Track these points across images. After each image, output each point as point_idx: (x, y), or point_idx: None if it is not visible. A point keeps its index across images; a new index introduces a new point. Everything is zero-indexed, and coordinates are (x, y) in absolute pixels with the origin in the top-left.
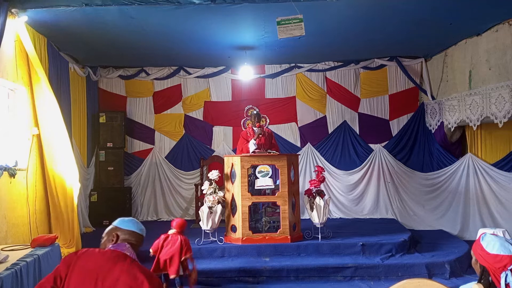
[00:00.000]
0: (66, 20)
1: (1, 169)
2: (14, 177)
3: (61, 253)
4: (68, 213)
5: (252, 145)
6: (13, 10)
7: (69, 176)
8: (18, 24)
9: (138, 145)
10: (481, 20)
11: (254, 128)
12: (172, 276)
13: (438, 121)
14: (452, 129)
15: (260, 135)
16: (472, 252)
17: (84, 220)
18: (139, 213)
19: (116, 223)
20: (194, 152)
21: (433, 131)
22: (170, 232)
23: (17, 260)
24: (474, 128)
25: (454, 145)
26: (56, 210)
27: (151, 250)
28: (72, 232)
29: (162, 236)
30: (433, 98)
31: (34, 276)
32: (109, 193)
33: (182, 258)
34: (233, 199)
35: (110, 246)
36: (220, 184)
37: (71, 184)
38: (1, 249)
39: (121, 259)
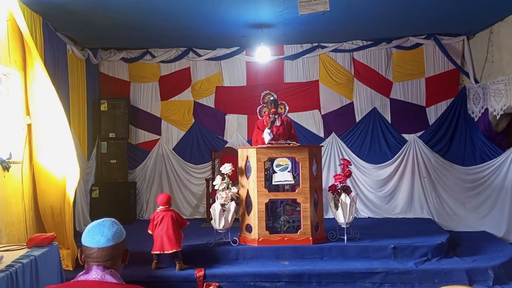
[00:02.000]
0: None
1: None
2: (8, 171)
3: (59, 254)
4: (61, 211)
5: (266, 135)
6: None
7: (68, 168)
8: (11, 2)
9: (143, 136)
10: None
11: (271, 115)
12: (169, 251)
13: (482, 107)
14: (497, 117)
15: (275, 123)
16: None
17: (85, 217)
18: (145, 210)
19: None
20: (204, 143)
21: (476, 119)
22: (158, 209)
23: (12, 262)
24: None
25: (500, 135)
26: (45, 207)
27: (149, 231)
28: (65, 232)
29: (152, 216)
30: (476, 81)
31: (31, 279)
32: (112, 188)
33: (183, 228)
34: (248, 195)
35: (80, 277)
36: (233, 179)
37: (70, 177)
38: None
39: None
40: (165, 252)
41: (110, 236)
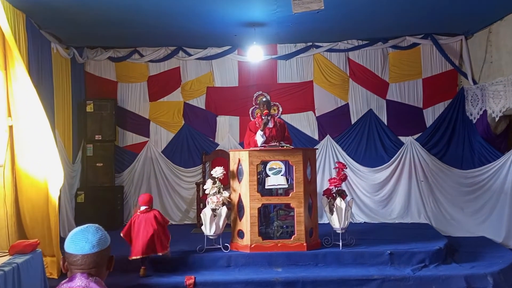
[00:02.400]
0: None
1: None
2: None
3: (43, 261)
4: (45, 217)
5: (259, 137)
6: None
7: (51, 172)
8: None
9: (131, 138)
10: None
11: (263, 117)
12: (161, 253)
13: (481, 109)
14: (496, 119)
15: (267, 125)
16: None
17: (70, 223)
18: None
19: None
20: (195, 146)
21: (474, 121)
22: (142, 209)
23: None
24: None
25: (499, 138)
26: (28, 212)
27: (121, 234)
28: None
29: (131, 219)
30: (474, 82)
31: None
32: (98, 192)
33: (166, 226)
34: (240, 200)
35: (64, 285)
36: (225, 183)
37: (53, 181)
38: None
39: None
40: (158, 254)
41: (95, 242)
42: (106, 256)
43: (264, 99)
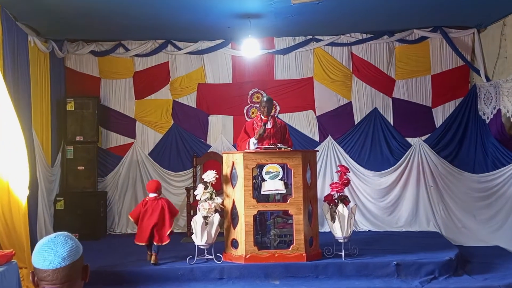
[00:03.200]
0: None
1: None
2: None
3: (19, 273)
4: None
5: (252, 146)
6: None
7: (16, 173)
8: None
9: (115, 139)
10: None
11: (261, 127)
12: (165, 242)
13: (494, 108)
14: (511, 119)
15: (261, 136)
16: None
17: (48, 232)
18: (117, 224)
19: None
20: (185, 148)
21: (487, 121)
22: (151, 196)
23: None
24: None
25: None
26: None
27: (130, 217)
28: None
29: (142, 202)
30: (487, 79)
31: None
32: (79, 199)
33: (175, 217)
34: (234, 207)
35: None
36: (217, 188)
37: (19, 184)
38: None
39: None
40: (163, 244)
41: (65, 254)
42: (79, 267)
43: (265, 99)
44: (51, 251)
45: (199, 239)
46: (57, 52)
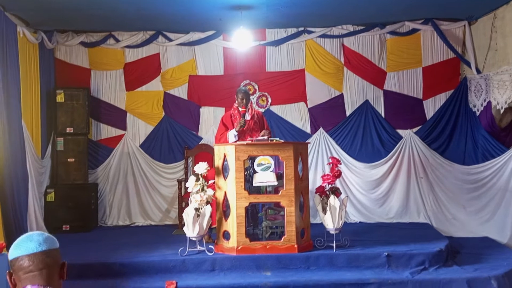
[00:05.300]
0: None
1: None
2: None
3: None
4: None
5: (232, 137)
6: None
7: None
8: None
9: (106, 131)
10: None
11: (240, 109)
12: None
13: (484, 100)
14: (501, 111)
15: (243, 127)
16: None
17: (39, 224)
18: (108, 216)
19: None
20: (176, 140)
21: (477, 113)
22: (210, 182)
23: None
24: None
25: (504, 131)
26: None
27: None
28: None
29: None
30: (478, 71)
31: None
32: (70, 191)
33: None
34: (225, 198)
35: None
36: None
37: None
38: None
39: None
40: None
41: (41, 240)
42: (56, 259)
43: (242, 90)
44: (27, 240)
45: (191, 231)
46: (47, 43)
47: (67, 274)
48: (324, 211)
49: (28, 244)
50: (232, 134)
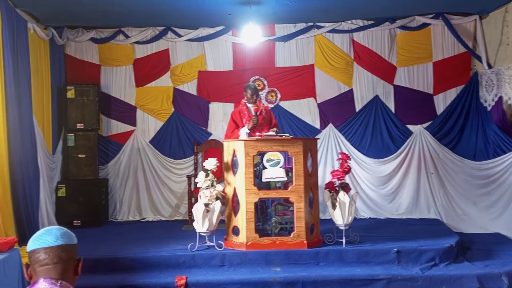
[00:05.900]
0: None
1: None
2: None
3: (21, 260)
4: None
5: (244, 135)
6: None
7: None
8: None
9: (116, 127)
10: None
11: (249, 105)
12: None
13: (496, 95)
14: None
15: (256, 125)
16: None
17: (50, 219)
18: (118, 211)
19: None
20: (186, 136)
21: (489, 109)
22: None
23: None
24: None
25: None
26: None
27: None
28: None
29: None
30: (489, 66)
31: None
32: (81, 186)
33: None
34: (235, 194)
35: None
36: (218, 175)
37: None
38: None
39: None
40: None
41: (59, 234)
42: (72, 254)
43: (251, 85)
44: (46, 233)
45: (201, 226)
46: (57, 39)
47: (81, 271)
48: (334, 206)
49: (46, 238)
50: (244, 132)
